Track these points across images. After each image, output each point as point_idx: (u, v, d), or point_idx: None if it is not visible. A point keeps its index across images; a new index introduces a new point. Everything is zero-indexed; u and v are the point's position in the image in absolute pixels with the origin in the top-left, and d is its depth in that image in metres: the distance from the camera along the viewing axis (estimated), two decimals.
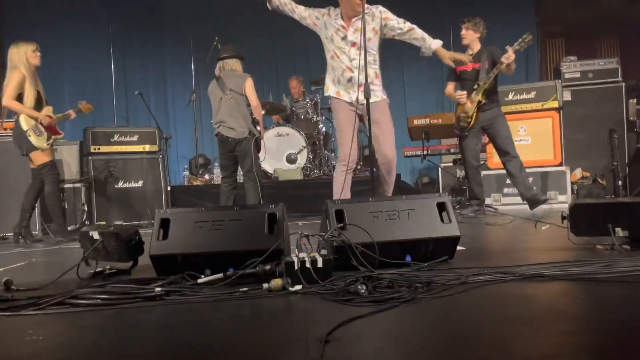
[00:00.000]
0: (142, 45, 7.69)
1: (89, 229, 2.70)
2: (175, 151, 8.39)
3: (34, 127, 4.45)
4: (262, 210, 2.47)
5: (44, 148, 4.49)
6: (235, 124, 4.80)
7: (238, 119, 4.79)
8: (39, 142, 4.46)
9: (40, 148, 4.47)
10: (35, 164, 4.56)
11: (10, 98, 4.40)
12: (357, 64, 3.64)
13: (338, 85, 3.82)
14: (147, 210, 5.77)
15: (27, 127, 4.44)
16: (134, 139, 5.96)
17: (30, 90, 4.46)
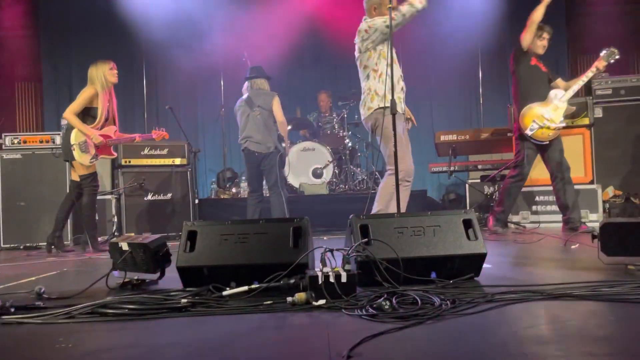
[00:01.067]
0: (173, 61, 7.87)
1: (119, 240, 2.76)
2: (203, 165, 8.51)
3: (81, 143, 4.55)
4: (287, 224, 2.49)
5: (85, 164, 4.60)
6: (261, 139, 4.93)
7: (264, 135, 4.93)
8: (82, 158, 4.56)
9: (81, 163, 4.58)
10: (77, 174, 4.67)
11: (71, 111, 4.50)
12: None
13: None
14: (175, 222, 5.86)
15: (75, 142, 4.54)
16: (163, 152, 6.08)
17: (101, 108, 4.56)
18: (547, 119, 4.72)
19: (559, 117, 4.74)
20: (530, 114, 4.78)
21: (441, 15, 7.73)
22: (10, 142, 5.48)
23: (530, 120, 4.75)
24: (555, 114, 4.74)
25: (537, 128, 4.72)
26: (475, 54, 8.00)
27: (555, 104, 4.75)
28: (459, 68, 8.00)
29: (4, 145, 5.47)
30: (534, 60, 4.82)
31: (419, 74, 8.14)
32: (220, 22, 7.78)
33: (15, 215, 5.35)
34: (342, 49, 4.06)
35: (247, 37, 7.54)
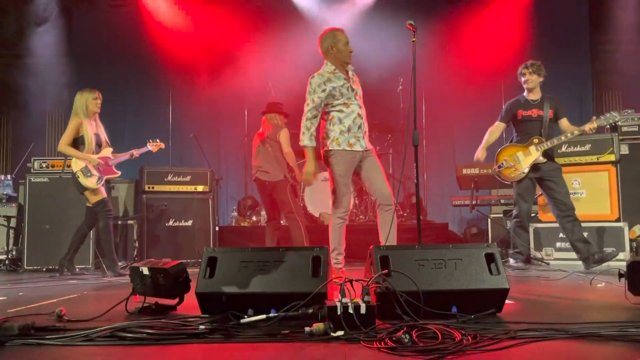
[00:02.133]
0: (198, 90, 8.05)
1: (139, 265, 2.78)
2: (225, 192, 8.59)
3: (83, 169, 4.70)
4: (306, 253, 2.49)
5: (93, 188, 4.71)
6: (269, 168, 5.15)
7: (272, 164, 5.15)
8: (88, 182, 4.70)
9: (89, 188, 4.70)
10: (90, 202, 4.78)
11: (63, 144, 4.71)
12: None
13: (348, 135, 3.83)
14: (195, 248, 5.89)
15: (76, 169, 4.70)
16: (186, 179, 6.16)
17: (89, 134, 4.74)
18: (516, 160, 4.81)
19: (527, 163, 4.77)
20: (505, 152, 4.91)
21: (464, 47, 7.80)
22: (39, 166, 5.62)
23: (502, 158, 4.89)
24: (525, 159, 4.79)
25: (504, 167, 4.83)
26: (499, 88, 8.01)
27: (529, 150, 4.79)
28: (482, 102, 8.01)
29: (32, 169, 5.61)
30: (520, 113, 4.86)
31: (441, 107, 8.18)
32: (245, 51, 7.96)
33: (39, 238, 5.44)
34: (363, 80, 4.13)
35: (271, 66, 7.69)
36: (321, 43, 3.93)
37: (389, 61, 7.32)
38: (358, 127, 3.83)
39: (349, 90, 3.81)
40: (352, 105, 3.81)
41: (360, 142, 3.82)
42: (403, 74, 7.30)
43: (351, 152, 3.80)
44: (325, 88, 3.77)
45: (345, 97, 3.80)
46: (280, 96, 6.43)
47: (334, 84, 3.78)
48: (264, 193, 5.27)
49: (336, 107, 3.80)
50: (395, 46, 6.79)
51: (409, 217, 6.94)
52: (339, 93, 3.79)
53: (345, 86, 3.80)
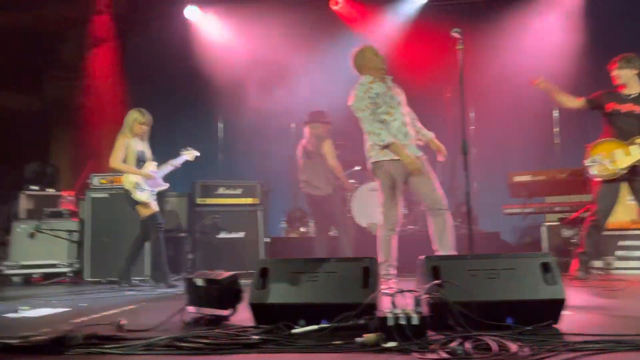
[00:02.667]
0: (247, 106, 8.23)
1: (193, 276, 2.86)
2: (274, 204, 8.70)
3: (135, 185, 4.86)
4: (357, 264, 2.49)
5: (145, 202, 4.88)
6: (318, 182, 5.15)
7: (320, 178, 5.14)
8: (141, 197, 4.86)
9: (142, 202, 4.87)
10: (142, 216, 4.95)
11: (114, 160, 4.89)
12: None
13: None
14: (247, 260, 5.98)
15: (129, 186, 4.87)
16: (237, 192, 6.29)
17: (133, 151, 4.90)
18: (613, 158, 4.39)
19: (626, 163, 4.35)
20: (600, 147, 4.49)
21: (513, 51, 7.63)
22: (99, 182, 5.88)
23: (597, 152, 4.47)
24: (624, 158, 4.37)
25: (597, 162, 4.42)
26: None
27: (630, 149, 4.37)
28: (531, 107, 7.80)
29: (92, 185, 5.88)
30: (610, 106, 4.48)
31: (489, 113, 8.02)
32: (292, 64, 8.08)
33: (100, 251, 5.67)
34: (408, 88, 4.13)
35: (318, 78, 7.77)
36: (353, 62, 4.02)
37: (434, 69, 7.26)
38: (404, 135, 3.80)
39: (391, 98, 3.80)
40: (395, 114, 3.80)
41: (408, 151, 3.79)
42: (449, 82, 7.22)
43: (399, 162, 3.76)
44: (371, 94, 3.79)
45: (388, 105, 3.79)
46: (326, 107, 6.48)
47: (376, 90, 3.80)
48: (314, 206, 5.31)
49: (381, 116, 3.80)
50: (440, 53, 6.73)
51: (460, 226, 6.81)
52: (382, 100, 3.78)
53: (388, 94, 3.80)
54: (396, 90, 3.94)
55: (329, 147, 5.21)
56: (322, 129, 5.34)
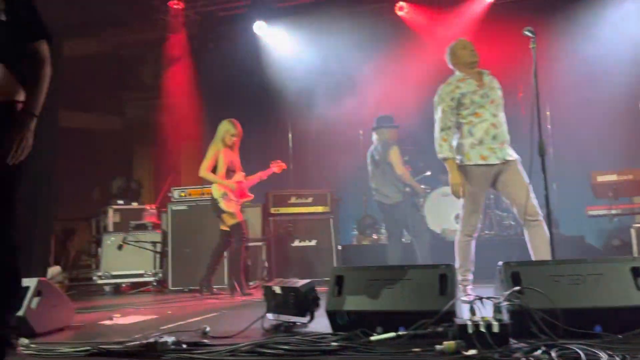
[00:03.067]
0: (316, 116, 8.34)
1: (272, 284, 2.95)
2: (344, 212, 8.74)
3: (223, 195, 5.04)
4: (433, 271, 2.47)
5: (231, 212, 5.04)
6: (387, 191, 5.14)
7: (389, 187, 5.12)
8: (228, 206, 5.03)
9: (228, 212, 5.04)
10: (227, 224, 5.13)
11: (204, 170, 5.08)
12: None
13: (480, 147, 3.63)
14: (320, 267, 6.05)
15: (217, 195, 5.04)
16: (308, 200, 6.39)
17: (223, 162, 5.07)
18: None
19: None
20: None
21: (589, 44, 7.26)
22: (178, 195, 6.18)
23: None
24: None
25: None
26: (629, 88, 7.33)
27: None
28: (612, 104, 7.37)
29: (172, 198, 6.18)
30: None
31: (567, 112, 7.66)
32: (361, 73, 8.11)
33: (182, 261, 5.94)
34: None
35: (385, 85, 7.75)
36: (447, 59, 3.89)
37: (506, 69, 7.04)
38: (492, 138, 3.58)
39: (482, 97, 3.62)
40: (483, 114, 3.60)
41: (496, 154, 3.57)
42: (523, 80, 6.97)
43: (485, 167, 3.58)
44: (454, 96, 3.64)
45: (477, 105, 3.61)
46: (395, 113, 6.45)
47: (463, 90, 3.64)
48: (385, 214, 5.30)
49: (466, 118, 3.64)
50: (512, 53, 6.53)
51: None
52: (468, 101, 3.61)
53: (478, 93, 3.62)
54: (491, 85, 3.71)
55: (396, 155, 5.14)
56: (389, 134, 5.30)
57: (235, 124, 5.16)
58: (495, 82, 3.77)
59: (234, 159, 5.21)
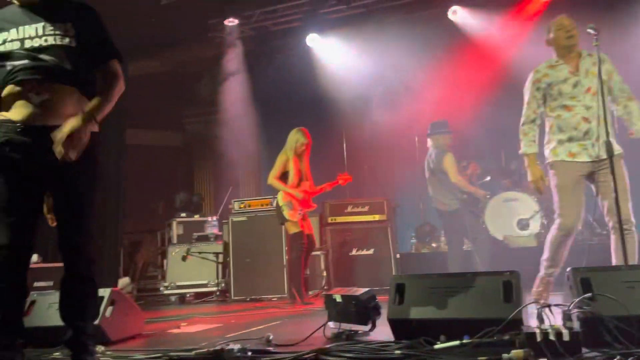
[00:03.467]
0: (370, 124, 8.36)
1: (332, 293, 2.97)
2: (402, 219, 8.67)
3: (287, 202, 5.11)
4: (496, 278, 2.42)
5: (294, 220, 5.11)
6: (443, 199, 5.08)
7: (445, 194, 5.05)
8: (290, 215, 5.10)
9: (291, 220, 5.11)
10: (289, 233, 5.20)
11: (272, 177, 5.18)
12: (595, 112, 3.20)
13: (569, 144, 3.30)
14: (379, 276, 6.02)
15: (282, 203, 5.13)
16: (365, 209, 6.39)
17: (294, 170, 5.16)
18: None
19: None
20: None
21: None
22: (238, 207, 6.33)
23: None
24: None
25: None
26: None
27: None
28: None
29: (233, 210, 6.34)
30: None
31: None
32: (415, 79, 8.06)
33: (243, 271, 6.07)
34: None
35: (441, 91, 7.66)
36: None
37: None
38: (584, 134, 3.23)
39: (574, 86, 3.25)
40: (575, 108, 3.24)
41: (587, 151, 3.24)
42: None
43: (573, 164, 3.26)
44: (540, 86, 3.34)
45: (567, 96, 3.26)
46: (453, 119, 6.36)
47: (551, 79, 3.30)
48: (444, 221, 5.24)
49: (554, 110, 3.32)
50: None
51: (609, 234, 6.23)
52: (556, 92, 3.28)
53: (569, 82, 3.26)
54: (589, 71, 3.26)
55: (450, 163, 5.04)
56: (444, 140, 5.22)
57: (305, 132, 5.25)
58: (595, 66, 3.24)
59: (303, 167, 5.28)
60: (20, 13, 2.26)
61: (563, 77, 3.30)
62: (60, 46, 2.20)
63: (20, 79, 2.17)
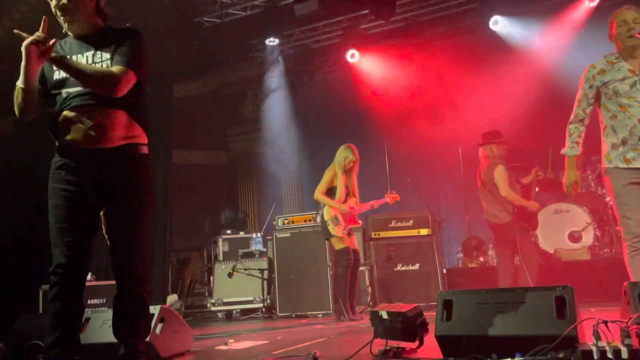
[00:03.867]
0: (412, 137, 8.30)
1: (379, 309, 2.94)
2: (447, 233, 8.52)
3: (333, 218, 5.12)
4: (548, 293, 2.34)
5: (339, 236, 5.10)
6: (495, 211, 4.96)
7: (496, 207, 4.93)
8: (336, 230, 5.10)
9: (336, 236, 5.10)
10: (334, 249, 5.20)
11: (319, 192, 5.20)
12: None
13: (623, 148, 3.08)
14: (425, 292, 5.93)
15: (327, 218, 5.14)
16: (409, 223, 6.32)
17: (340, 185, 5.16)
18: None
19: None
20: None
21: None
22: (282, 223, 6.39)
23: None
24: None
25: None
26: None
27: None
28: None
29: (277, 226, 6.40)
30: None
31: None
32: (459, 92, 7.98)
33: (288, 287, 6.10)
34: None
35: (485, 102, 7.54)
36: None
37: None
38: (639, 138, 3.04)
39: (631, 86, 3.04)
40: (631, 108, 3.03)
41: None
42: None
43: (628, 170, 3.06)
44: (593, 83, 3.14)
45: (624, 96, 3.04)
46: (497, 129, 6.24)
47: (606, 77, 3.10)
48: (495, 234, 5.11)
49: (610, 111, 3.11)
50: None
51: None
52: (611, 91, 3.07)
53: (627, 81, 3.05)
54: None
55: (500, 175, 4.87)
56: (497, 150, 5.05)
57: (353, 149, 5.26)
58: None
59: (350, 184, 5.29)
60: (75, 44, 2.41)
61: (621, 76, 3.09)
62: None
63: (75, 105, 2.28)
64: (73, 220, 2.28)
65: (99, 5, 2.43)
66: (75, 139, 2.28)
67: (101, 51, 2.35)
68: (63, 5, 2.31)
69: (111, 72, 2.28)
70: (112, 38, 2.39)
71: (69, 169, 2.30)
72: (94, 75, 2.26)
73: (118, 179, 2.32)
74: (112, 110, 2.31)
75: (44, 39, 2.15)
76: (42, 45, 2.14)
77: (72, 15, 2.34)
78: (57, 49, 2.31)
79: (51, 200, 2.32)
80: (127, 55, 2.34)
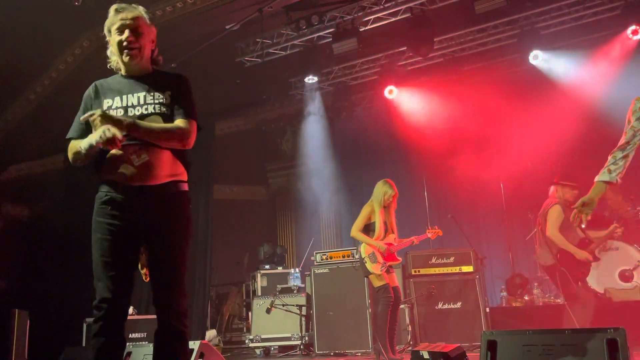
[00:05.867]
0: (452, 174, 8.20)
1: (420, 349, 2.87)
2: (490, 271, 8.28)
3: (370, 255, 5.05)
4: (598, 335, 2.24)
5: (377, 273, 5.02)
6: (540, 252, 4.83)
7: (542, 246, 4.83)
8: (374, 268, 5.03)
9: (374, 273, 5.02)
10: (374, 286, 5.11)
11: (355, 229, 5.13)
12: None
13: None
14: (467, 331, 5.74)
15: (365, 255, 5.08)
16: (450, 260, 6.18)
17: (378, 221, 5.09)
18: None
19: None
20: None
21: None
22: (320, 258, 6.36)
23: None
24: None
25: None
26: None
27: None
28: None
29: (315, 262, 6.37)
30: None
31: None
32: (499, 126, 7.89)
33: (326, 324, 6.02)
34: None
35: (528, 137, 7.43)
36: None
37: None
38: None
39: None
40: None
41: None
42: None
43: None
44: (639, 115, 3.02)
45: None
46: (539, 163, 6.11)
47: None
48: (546, 274, 4.94)
49: None
50: None
51: None
52: None
53: None
54: None
55: (553, 214, 4.62)
56: (570, 194, 4.85)
57: (391, 184, 5.21)
58: None
59: (389, 219, 5.22)
60: (125, 83, 2.51)
61: None
62: (158, 114, 2.41)
63: (124, 143, 2.38)
64: (117, 255, 2.34)
65: (153, 52, 2.56)
66: (123, 176, 2.36)
67: (154, 92, 2.45)
68: (131, 40, 2.44)
69: (179, 128, 2.40)
70: (164, 81, 2.50)
71: (115, 204, 2.37)
72: (164, 134, 2.37)
73: (162, 215, 2.38)
74: (159, 149, 2.39)
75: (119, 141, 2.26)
76: (115, 142, 2.25)
77: (136, 52, 2.46)
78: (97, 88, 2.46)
79: (95, 235, 2.39)
80: (186, 107, 2.45)
